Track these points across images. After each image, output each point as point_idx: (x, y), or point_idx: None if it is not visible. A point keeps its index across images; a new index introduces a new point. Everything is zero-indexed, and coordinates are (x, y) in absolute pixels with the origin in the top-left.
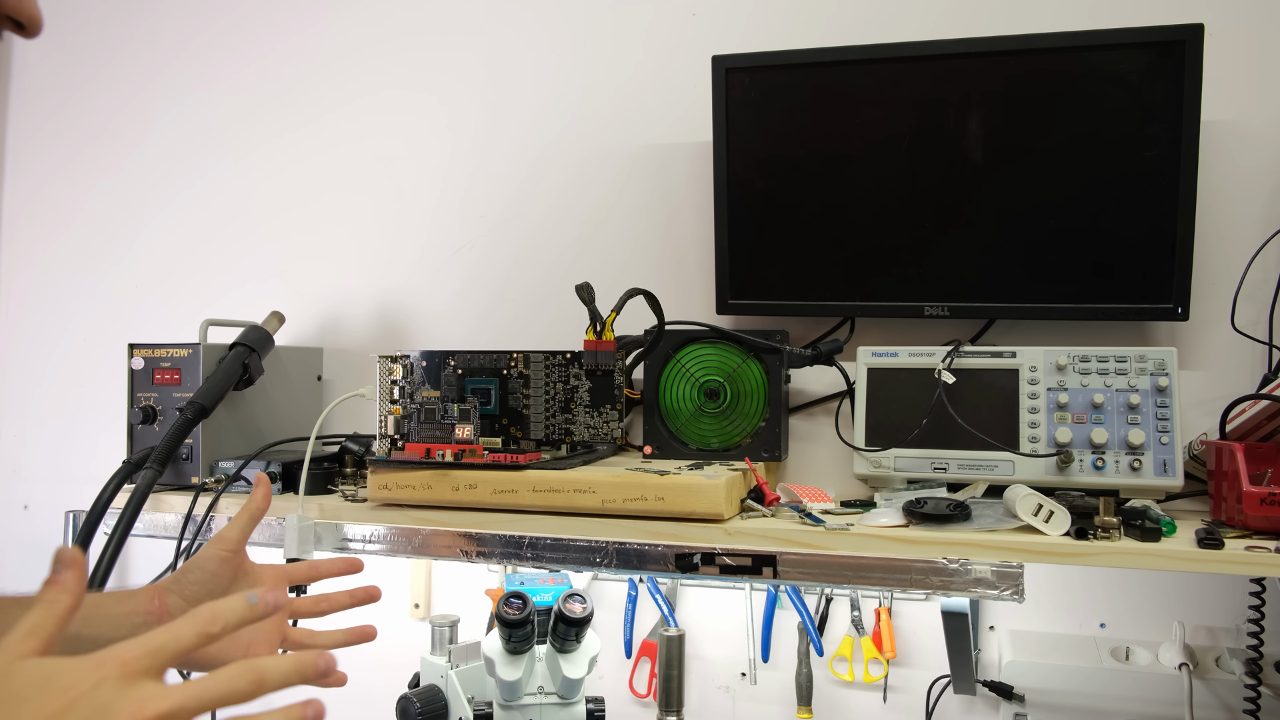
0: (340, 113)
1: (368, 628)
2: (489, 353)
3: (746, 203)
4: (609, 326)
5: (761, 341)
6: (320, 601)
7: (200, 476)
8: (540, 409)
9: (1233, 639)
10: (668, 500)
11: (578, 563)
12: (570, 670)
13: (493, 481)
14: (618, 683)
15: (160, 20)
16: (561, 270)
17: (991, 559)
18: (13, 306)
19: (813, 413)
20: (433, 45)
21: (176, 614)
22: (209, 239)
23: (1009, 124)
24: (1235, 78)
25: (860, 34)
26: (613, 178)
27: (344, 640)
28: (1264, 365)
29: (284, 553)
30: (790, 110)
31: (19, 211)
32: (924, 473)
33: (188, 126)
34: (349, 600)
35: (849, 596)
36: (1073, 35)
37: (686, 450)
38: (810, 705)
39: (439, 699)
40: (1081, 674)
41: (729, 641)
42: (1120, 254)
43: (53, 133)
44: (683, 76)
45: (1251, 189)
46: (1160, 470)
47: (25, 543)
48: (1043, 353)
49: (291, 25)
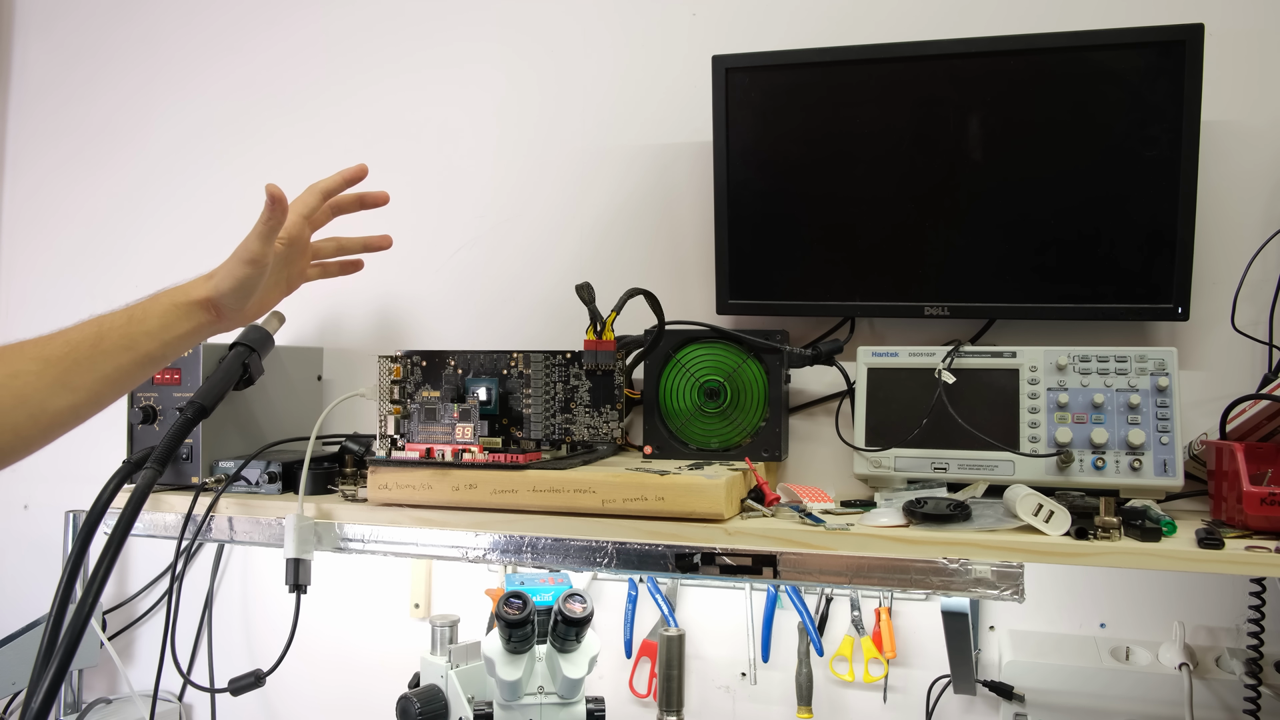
0: (339, 112)
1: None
2: (489, 353)
3: (746, 202)
4: (609, 326)
5: (761, 341)
6: (338, 245)
7: (200, 476)
8: (540, 409)
9: (1233, 639)
10: (668, 500)
11: (578, 563)
12: (570, 670)
13: (493, 481)
14: (618, 683)
15: (159, 19)
16: (561, 270)
17: (991, 559)
18: (12, 306)
19: (813, 413)
20: (432, 46)
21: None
22: (208, 237)
23: (1009, 124)
24: (1235, 78)
25: (860, 34)
26: (613, 178)
27: (362, 246)
28: (1264, 365)
29: (284, 553)
30: (790, 110)
31: (18, 210)
32: (924, 473)
33: (187, 125)
34: (361, 245)
35: (849, 596)
36: (1073, 35)
37: (686, 450)
38: (810, 705)
39: (439, 699)
40: (1081, 674)
41: (729, 641)
42: (1120, 254)
43: (52, 132)
44: (683, 76)
45: (1251, 189)
46: (1160, 470)
47: (25, 543)
48: (1043, 353)
49: (291, 25)
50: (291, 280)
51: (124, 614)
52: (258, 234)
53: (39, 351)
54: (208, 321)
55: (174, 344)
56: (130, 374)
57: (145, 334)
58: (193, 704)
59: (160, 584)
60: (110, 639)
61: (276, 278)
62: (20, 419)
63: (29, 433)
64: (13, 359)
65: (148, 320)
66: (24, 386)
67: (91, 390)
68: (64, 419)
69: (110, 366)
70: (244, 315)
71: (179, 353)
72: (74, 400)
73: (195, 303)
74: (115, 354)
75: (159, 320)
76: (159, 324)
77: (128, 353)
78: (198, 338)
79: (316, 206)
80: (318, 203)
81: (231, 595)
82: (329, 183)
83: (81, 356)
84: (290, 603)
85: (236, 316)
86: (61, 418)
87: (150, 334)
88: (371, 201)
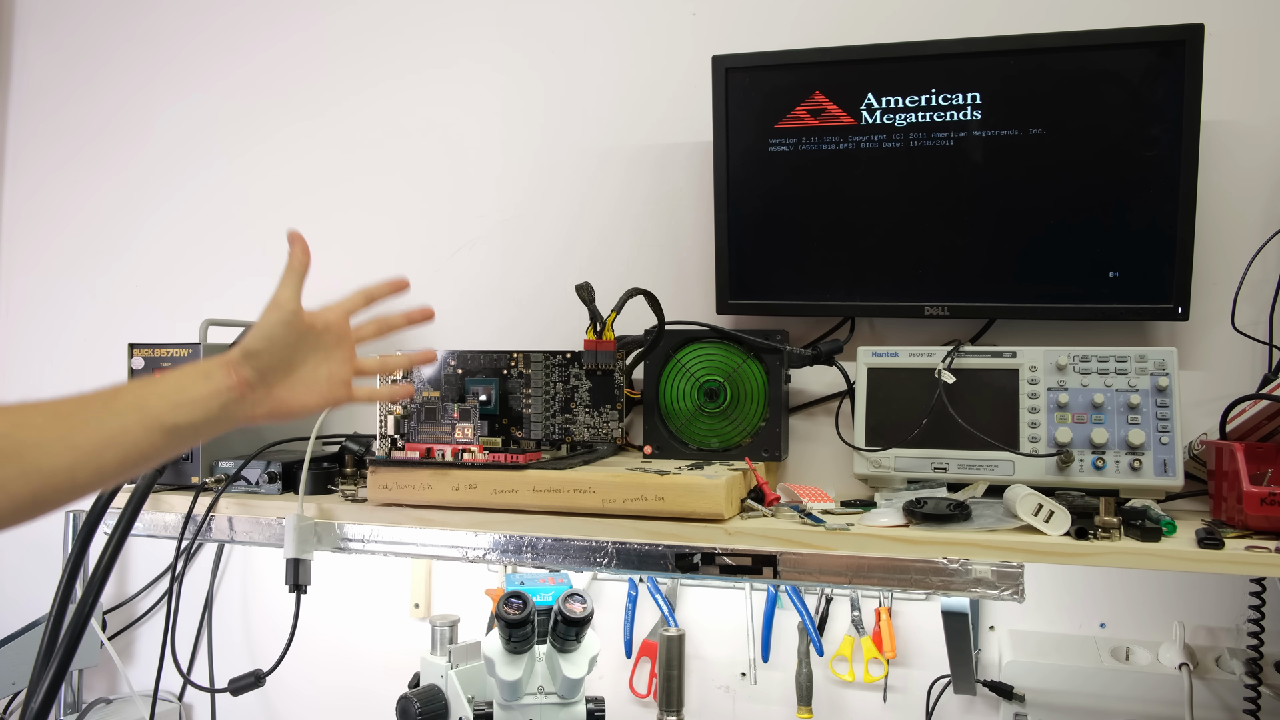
0: (339, 112)
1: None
2: (489, 353)
3: (746, 202)
4: (609, 326)
5: (761, 341)
6: (381, 326)
7: (200, 476)
8: (540, 409)
9: (1233, 639)
10: (668, 500)
11: (578, 563)
12: (570, 670)
13: (493, 481)
14: (618, 683)
15: (159, 19)
16: (561, 270)
17: (991, 559)
18: (12, 306)
19: (813, 413)
20: (431, 47)
21: (256, 385)
22: (208, 238)
23: (1009, 124)
24: (1235, 78)
25: (861, 34)
26: (613, 178)
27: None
28: (1264, 365)
29: (284, 553)
30: (790, 110)
31: (18, 210)
32: (924, 473)
33: (187, 125)
34: (404, 321)
35: (849, 596)
36: (1073, 35)
37: (686, 450)
38: (810, 705)
39: (439, 699)
40: (1081, 674)
41: (729, 641)
42: (1120, 254)
43: (52, 131)
44: (683, 76)
45: (1251, 189)
46: (1160, 470)
47: (25, 543)
48: (1043, 353)
49: (290, 25)
50: (333, 383)
51: (124, 614)
52: (282, 279)
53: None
54: (226, 387)
55: (188, 409)
56: (137, 442)
57: (158, 395)
58: (193, 704)
59: (160, 584)
60: (110, 639)
61: (315, 371)
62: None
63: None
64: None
65: (164, 381)
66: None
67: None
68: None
69: (116, 427)
70: (272, 396)
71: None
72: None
73: (216, 364)
74: (124, 414)
75: (175, 382)
76: (174, 385)
77: (137, 413)
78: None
79: (359, 304)
80: (361, 302)
81: (231, 595)
82: (374, 288)
83: (90, 414)
84: (290, 603)
85: (263, 391)
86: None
87: (163, 395)
88: (419, 318)
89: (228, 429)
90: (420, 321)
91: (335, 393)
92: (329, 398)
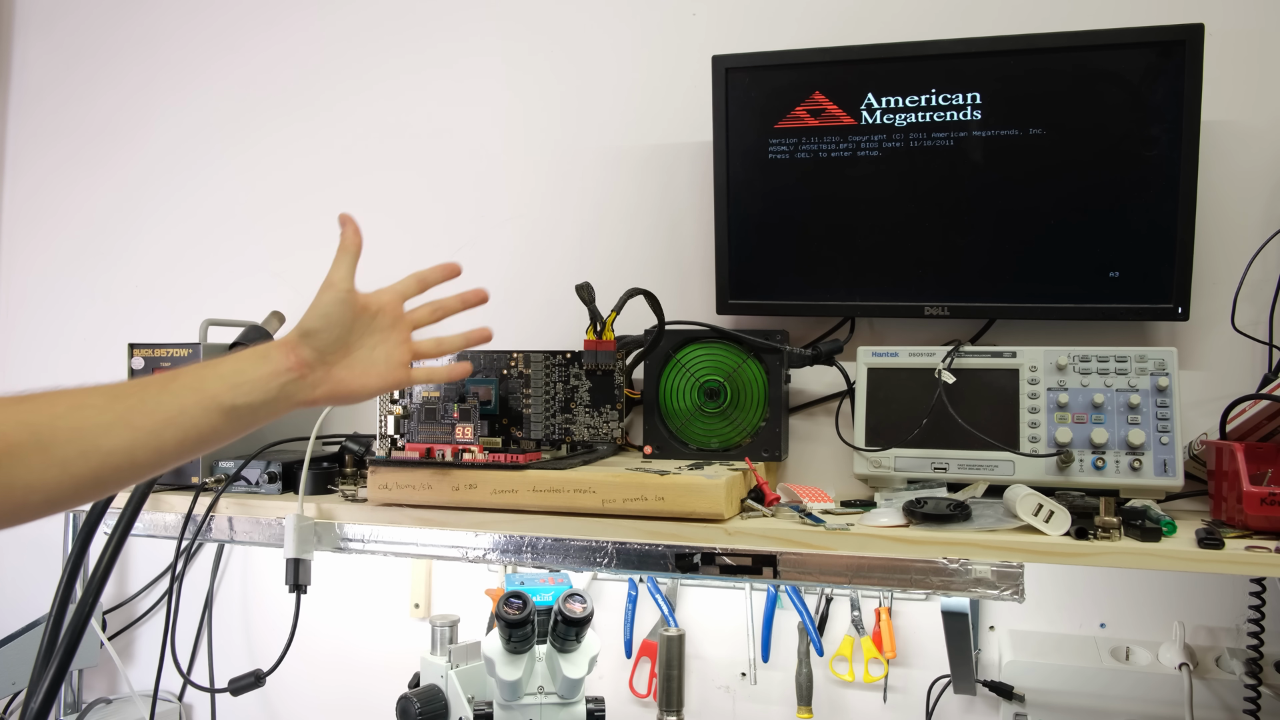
0: (339, 111)
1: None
2: (489, 353)
3: (746, 202)
4: (609, 326)
5: (761, 341)
6: (436, 310)
7: (200, 476)
8: (540, 409)
9: (1233, 639)
10: (668, 500)
11: (578, 563)
12: (570, 670)
13: (493, 481)
14: (618, 683)
15: (159, 19)
16: (561, 270)
17: (991, 559)
18: (12, 306)
19: (813, 413)
20: (431, 46)
21: (314, 365)
22: (208, 238)
23: (1009, 124)
24: (1235, 78)
25: (861, 34)
26: (612, 178)
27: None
28: (1264, 365)
29: (284, 553)
30: (790, 110)
31: (18, 210)
32: (924, 473)
33: (187, 125)
34: (459, 304)
35: (849, 596)
36: (1073, 35)
37: (686, 450)
38: (810, 705)
39: (439, 699)
40: (1081, 674)
41: (729, 641)
42: (1120, 254)
43: (52, 131)
44: (683, 76)
45: (1251, 189)
46: (1160, 470)
47: (25, 542)
48: (1043, 353)
49: (290, 24)
50: (391, 365)
51: (124, 614)
52: (335, 260)
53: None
54: (285, 368)
55: (246, 389)
56: (195, 422)
57: (216, 376)
58: (193, 704)
59: (160, 584)
60: (110, 639)
61: (372, 353)
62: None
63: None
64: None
65: (223, 364)
66: (84, 419)
67: (151, 430)
68: (117, 460)
69: (174, 406)
70: (331, 377)
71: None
72: (131, 438)
73: (274, 345)
74: (182, 394)
75: (233, 363)
76: (232, 366)
77: (195, 394)
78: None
79: (413, 288)
80: (414, 286)
81: (231, 595)
82: (427, 272)
83: (149, 395)
84: (290, 603)
85: (322, 371)
86: (115, 458)
87: (221, 376)
88: (474, 300)
89: (287, 410)
90: (475, 304)
91: (394, 374)
92: (388, 379)
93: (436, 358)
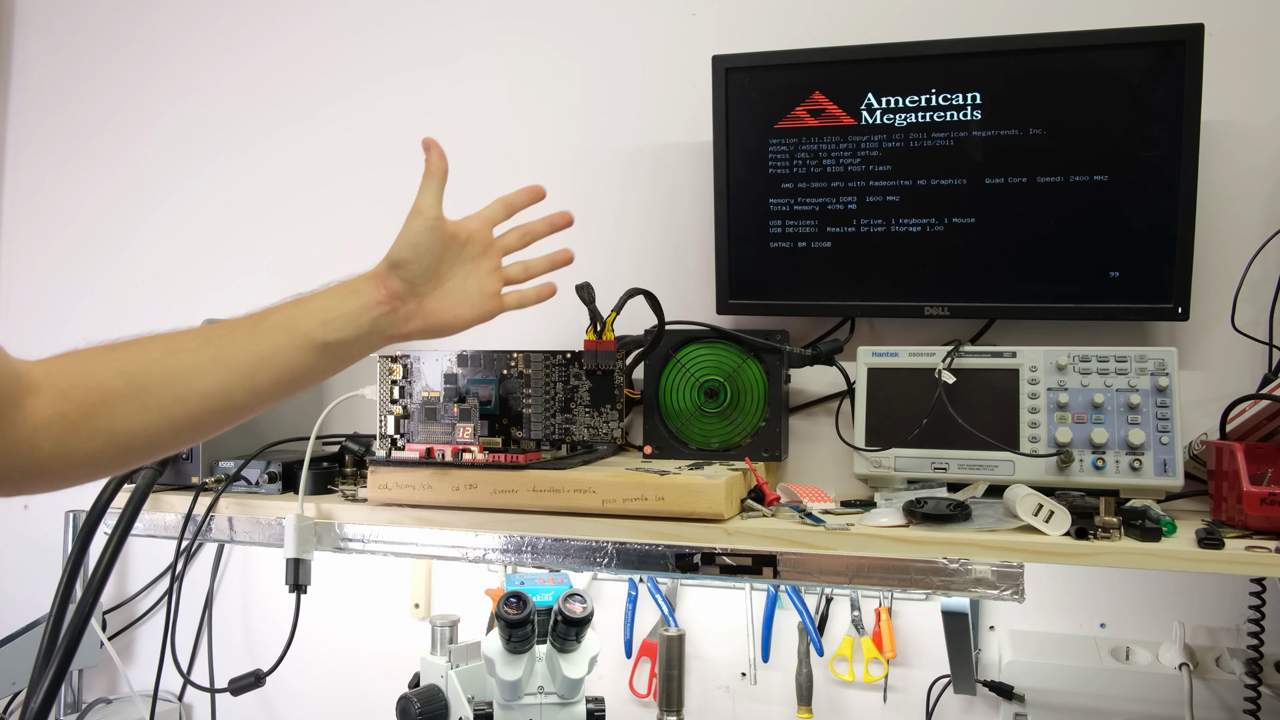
0: (338, 111)
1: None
2: (489, 353)
3: (746, 202)
4: (609, 326)
5: (761, 341)
6: (524, 234)
7: (200, 476)
8: (540, 409)
9: (1233, 639)
10: (668, 500)
11: (578, 563)
12: (570, 670)
13: (493, 481)
14: (618, 683)
15: (159, 19)
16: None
17: (991, 559)
18: (12, 306)
19: (813, 413)
20: (430, 45)
21: (406, 297)
22: (208, 237)
23: (1009, 124)
24: (1235, 78)
25: (860, 34)
26: (613, 178)
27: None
28: (1264, 365)
29: (284, 553)
30: (790, 110)
31: (18, 210)
32: (924, 473)
33: (186, 125)
34: (547, 227)
35: (849, 596)
36: (1073, 35)
37: (686, 450)
38: (810, 705)
39: (439, 699)
40: (1081, 674)
41: (729, 641)
42: (1120, 254)
43: (52, 131)
44: (683, 76)
45: (1251, 189)
46: (1160, 470)
47: (25, 543)
48: (1043, 353)
49: (290, 24)
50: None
51: (124, 614)
52: (422, 186)
53: (201, 331)
54: (376, 301)
55: (339, 324)
56: (289, 360)
57: (307, 313)
58: (193, 704)
59: (160, 584)
60: (110, 639)
61: (464, 283)
62: (168, 398)
63: (176, 415)
64: (174, 337)
65: (312, 300)
66: (178, 363)
67: (245, 370)
68: (214, 403)
69: (267, 345)
70: (423, 309)
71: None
72: (226, 379)
73: (364, 277)
74: (273, 333)
75: (323, 299)
76: (322, 303)
77: (286, 333)
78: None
79: (500, 213)
80: (502, 211)
81: (231, 595)
82: (513, 196)
83: (240, 335)
84: (290, 603)
85: (414, 304)
86: (211, 401)
87: (311, 313)
88: (561, 223)
89: (382, 345)
90: (562, 227)
91: (488, 305)
92: (482, 310)
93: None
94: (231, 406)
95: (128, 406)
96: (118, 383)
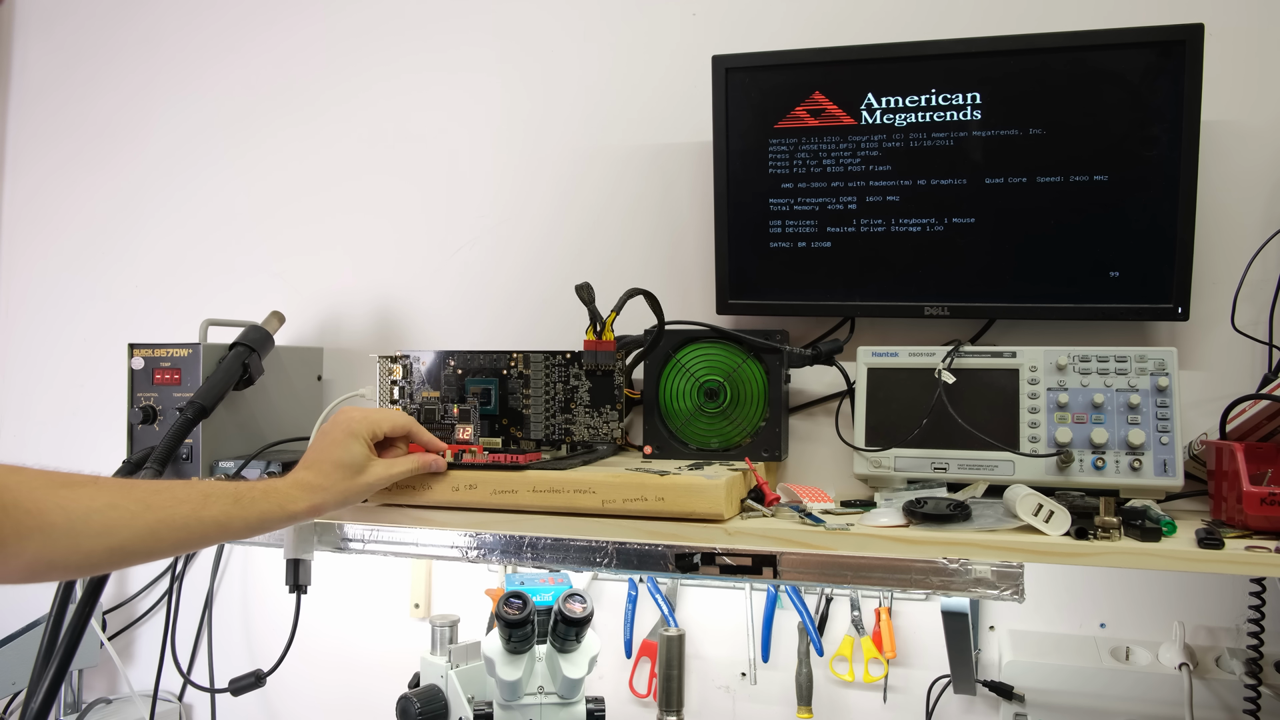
0: (339, 113)
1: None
2: (489, 353)
3: (746, 203)
4: (609, 326)
5: (761, 341)
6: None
7: (200, 476)
8: (540, 409)
9: (1233, 639)
10: (668, 500)
11: (578, 563)
12: (570, 670)
13: (493, 481)
14: (618, 683)
15: (159, 19)
16: (561, 270)
17: (991, 559)
18: (12, 306)
19: (813, 413)
20: (431, 47)
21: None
22: (208, 238)
23: (1009, 124)
24: (1235, 78)
25: (860, 34)
26: (613, 178)
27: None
28: (1264, 365)
29: (284, 553)
30: (790, 110)
31: (18, 211)
32: (924, 473)
33: (187, 126)
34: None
35: (849, 596)
36: (1073, 35)
37: (686, 450)
38: (810, 705)
39: (439, 699)
40: (1081, 674)
41: (729, 641)
42: (1120, 254)
43: (52, 132)
44: (683, 76)
45: (1251, 189)
46: (1160, 470)
47: None
48: (1043, 353)
49: (290, 25)
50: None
51: (124, 614)
52: (401, 462)
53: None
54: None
55: (262, 531)
56: (209, 544)
57: (244, 523)
58: (193, 704)
59: (160, 584)
60: (110, 639)
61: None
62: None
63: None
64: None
65: (249, 513)
66: (116, 521)
67: (173, 549)
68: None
69: (198, 534)
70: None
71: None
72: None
73: (299, 513)
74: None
75: (259, 519)
76: (259, 521)
77: (220, 531)
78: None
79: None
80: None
81: (231, 595)
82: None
83: (178, 519)
84: (290, 603)
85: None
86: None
87: (249, 525)
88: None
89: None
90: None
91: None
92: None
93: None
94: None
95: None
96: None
